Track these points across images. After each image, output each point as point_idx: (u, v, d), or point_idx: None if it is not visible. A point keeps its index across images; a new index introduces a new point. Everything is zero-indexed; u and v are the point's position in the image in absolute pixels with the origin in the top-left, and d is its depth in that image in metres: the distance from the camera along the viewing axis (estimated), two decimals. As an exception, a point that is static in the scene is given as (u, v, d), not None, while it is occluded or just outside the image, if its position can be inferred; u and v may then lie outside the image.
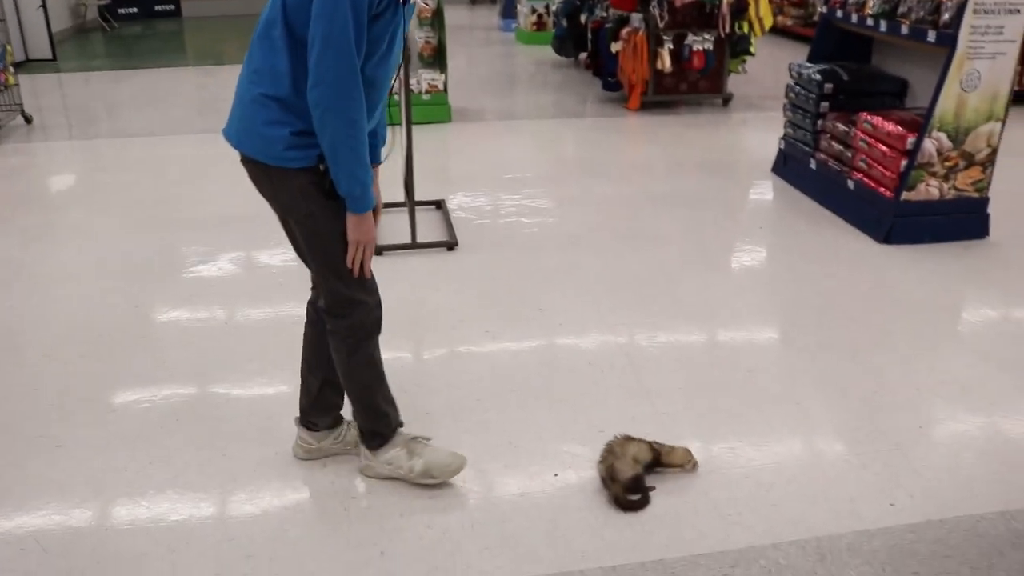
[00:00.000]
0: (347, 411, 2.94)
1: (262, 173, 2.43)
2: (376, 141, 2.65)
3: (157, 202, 5.57)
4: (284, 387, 3.36)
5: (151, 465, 2.88)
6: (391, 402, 2.78)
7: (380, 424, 2.76)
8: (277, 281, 4.32)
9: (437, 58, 7.63)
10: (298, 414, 2.89)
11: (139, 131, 7.52)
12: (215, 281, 4.33)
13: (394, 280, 4.06)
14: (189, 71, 10.86)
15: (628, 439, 2.78)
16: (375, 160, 2.66)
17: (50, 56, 10.95)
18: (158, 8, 16.03)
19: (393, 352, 3.55)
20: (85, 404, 3.25)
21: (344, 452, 2.92)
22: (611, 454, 2.73)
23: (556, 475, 2.81)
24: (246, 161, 2.46)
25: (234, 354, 3.61)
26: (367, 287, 2.56)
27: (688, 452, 2.82)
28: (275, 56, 2.30)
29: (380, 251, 4.55)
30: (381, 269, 4.19)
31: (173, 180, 6.07)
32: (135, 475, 2.83)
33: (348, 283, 2.51)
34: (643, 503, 2.66)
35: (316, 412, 2.85)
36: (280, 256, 4.64)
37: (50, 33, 10.97)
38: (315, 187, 2.38)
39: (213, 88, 9.58)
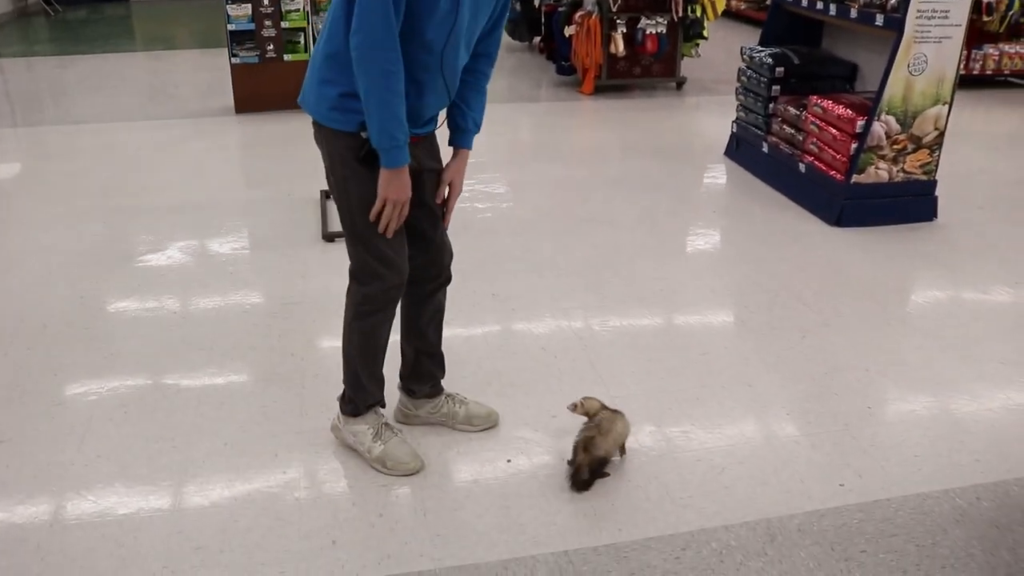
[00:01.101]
0: (448, 384, 3.02)
1: (317, 130, 2.51)
2: (468, 125, 2.69)
3: (105, 190, 5.47)
4: (234, 377, 3.32)
5: (99, 458, 2.83)
6: (377, 380, 2.80)
7: (357, 395, 2.78)
8: (227, 270, 4.26)
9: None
10: (399, 380, 2.99)
11: (86, 118, 7.37)
12: (164, 270, 4.26)
13: (346, 268, 4.02)
14: (138, 56, 10.67)
15: (617, 415, 2.74)
16: (465, 144, 2.71)
17: (-9, 41, 10.72)
18: (105, -9, 15.71)
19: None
20: (30, 397, 3.18)
21: (441, 423, 2.97)
22: (598, 428, 2.68)
23: (509, 461, 2.81)
24: (313, 120, 2.51)
25: (183, 344, 3.55)
26: (390, 263, 2.57)
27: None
28: (336, 10, 2.34)
29: (332, 238, 4.51)
30: (334, 255, 4.15)
31: (122, 168, 5.96)
32: (82, 469, 2.78)
33: (372, 253, 2.55)
34: (590, 483, 2.67)
35: (413, 380, 2.95)
36: (230, 244, 4.58)
37: (-9, 17, 10.73)
38: (352, 152, 2.43)
39: (163, 73, 9.42)
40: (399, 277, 2.61)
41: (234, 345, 3.55)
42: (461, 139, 2.70)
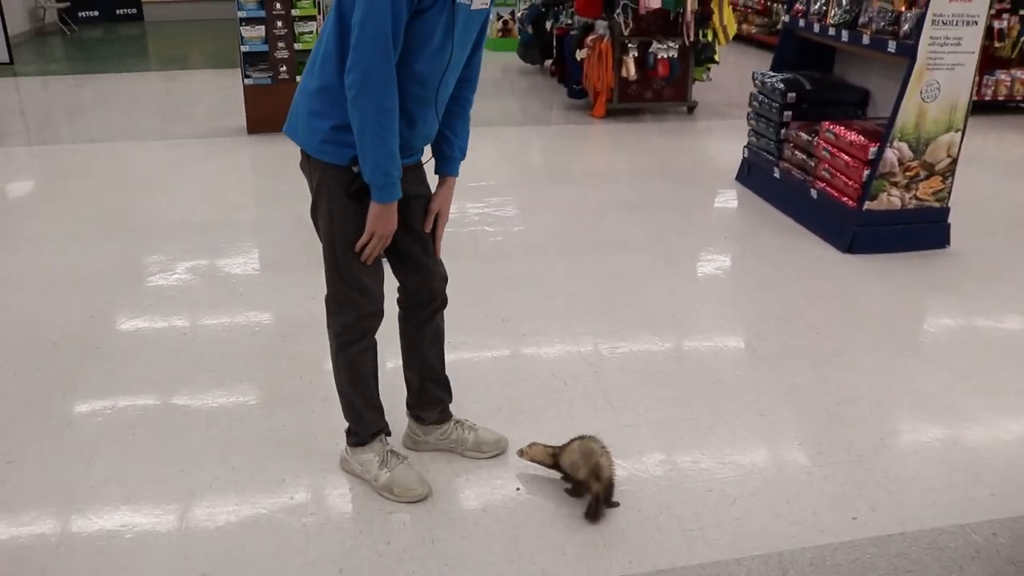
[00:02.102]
0: (457, 409, 3.01)
1: (305, 160, 2.50)
2: (454, 153, 2.68)
3: (118, 210, 5.48)
4: (243, 398, 3.31)
5: (106, 481, 2.81)
6: (374, 407, 2.79)
7: (358, 425, 2.78)
8: (238, 291, 4.26)
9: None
10: (407, 408, 2.99)
11: (101, 137, 7.40)
12: (174, 291, 4.25)
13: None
14: (152, 75, 10.74)
15: (591, 438, 2.71)
16: (451, 172, 2.70)
17: (7, 60, 10.75)
18: (119, 11, 15.85)
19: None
20: (39, 417, 3.17)
21: (450, 450, 2.96)
22: (599, 454, 2.65)
23: (518, 489, 2.79)
24: (301, 149, 2.51)
25: (192, 366, 3.54)
26: (367, 291, 2.58)
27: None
28: (328, 43, 2.34)
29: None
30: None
31: (135, 187, 5.98)
32: (89, 491, 2.76)
33: (349, 284, 2.55)
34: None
35: (421, 407, 2.94)
36: (241, 265, 4.58)
37: (7, 36, 10.75)
38: (341, 186, 2.42)
39: (177, 93, 9.47)
40: (375, 306, 2.62)
41: (243, 367, 3.53)
42: (448, 167, 2.70)
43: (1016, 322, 4.04)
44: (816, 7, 5.45)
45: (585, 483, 2.65)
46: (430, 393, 2.91)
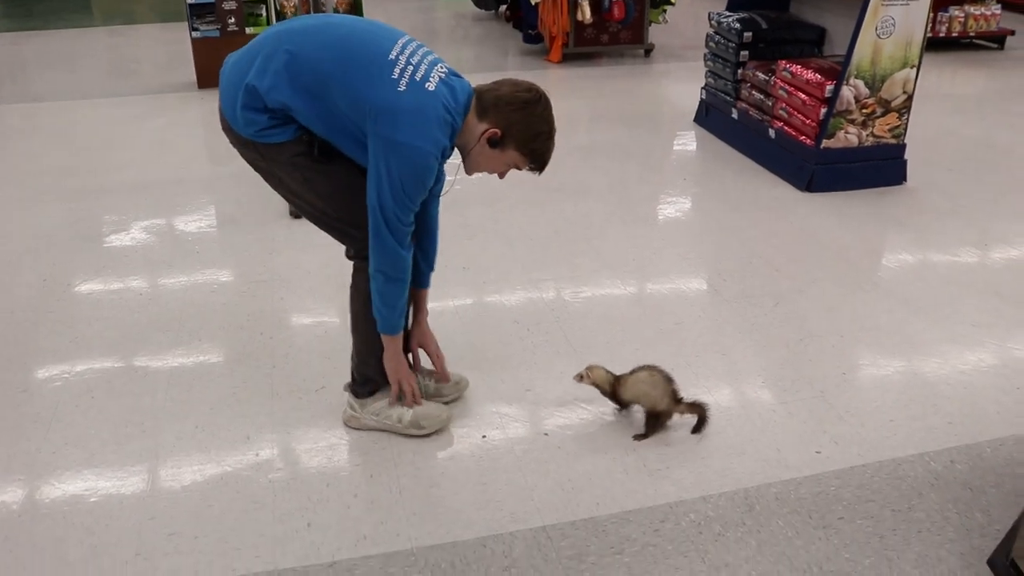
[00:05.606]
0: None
1: (250, 148, 2.49)
2: (425, 268, 2.77)
3: (66, 170, 5.34)
4: (203, 358, 3.26)
5: (66, 445, 2.77)
6: None
7: (377, 370, 2.75)
8: (193, 249, 4.19)
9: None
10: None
11: (45, 96, 7.20)
12: (128, 251, 4.17)
13: (314, 244, 3.96)
14: (97, 31, 10.43)
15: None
16: (424, 285, 2.80)
17: (-56, 18, 10.40)
18: (60, -35, 15.32)
19: (315, 317, 3.48)
20: (-7, 385, 3.11)
21: None
22: (671, 381, 2.75)
23: (484, 437, 2.79)
24: (228, 130, 2.51)
25: (150, 326, 3.48)
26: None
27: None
28: (296, 97, 2.36)
29: (299, 215, 4.42)
30: (302, 232, 4.10)
31: (83, 146, 5.83)
32: (50, 457, 2.72)
33: (365, 228, 2.51)
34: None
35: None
36: (196, 223, 4.50)
37: (-58, -6, 10.40)
38: (303, 156, 2.44)
39: (122, 48, 9.24)
40: None
41: (202, 326, 3.49)
42: (424, 281, 2.82)
43: (970, 255, 4.09)
44: (770, -56, 5.41)
45: (667, 412, 2.74)
46: None
